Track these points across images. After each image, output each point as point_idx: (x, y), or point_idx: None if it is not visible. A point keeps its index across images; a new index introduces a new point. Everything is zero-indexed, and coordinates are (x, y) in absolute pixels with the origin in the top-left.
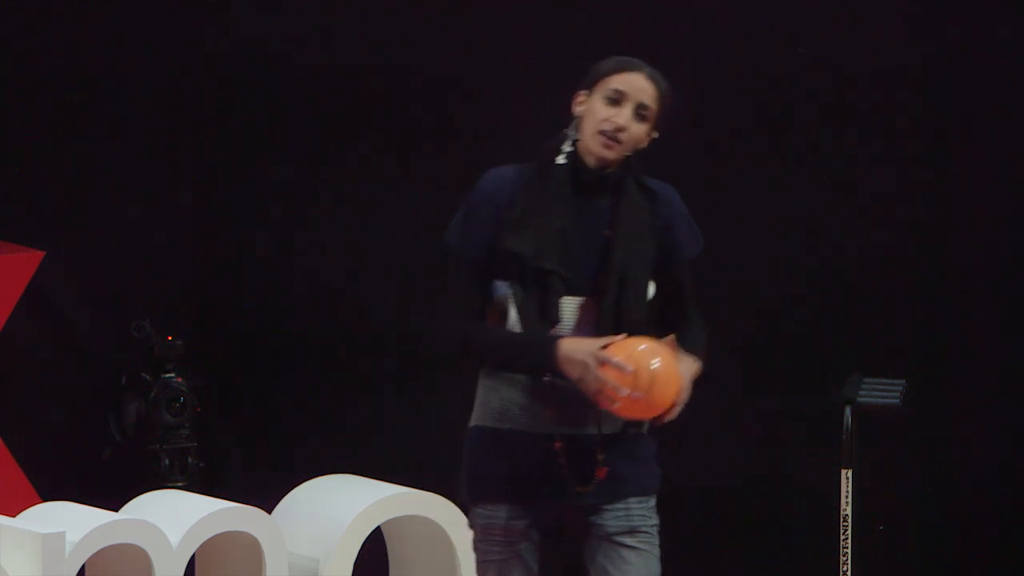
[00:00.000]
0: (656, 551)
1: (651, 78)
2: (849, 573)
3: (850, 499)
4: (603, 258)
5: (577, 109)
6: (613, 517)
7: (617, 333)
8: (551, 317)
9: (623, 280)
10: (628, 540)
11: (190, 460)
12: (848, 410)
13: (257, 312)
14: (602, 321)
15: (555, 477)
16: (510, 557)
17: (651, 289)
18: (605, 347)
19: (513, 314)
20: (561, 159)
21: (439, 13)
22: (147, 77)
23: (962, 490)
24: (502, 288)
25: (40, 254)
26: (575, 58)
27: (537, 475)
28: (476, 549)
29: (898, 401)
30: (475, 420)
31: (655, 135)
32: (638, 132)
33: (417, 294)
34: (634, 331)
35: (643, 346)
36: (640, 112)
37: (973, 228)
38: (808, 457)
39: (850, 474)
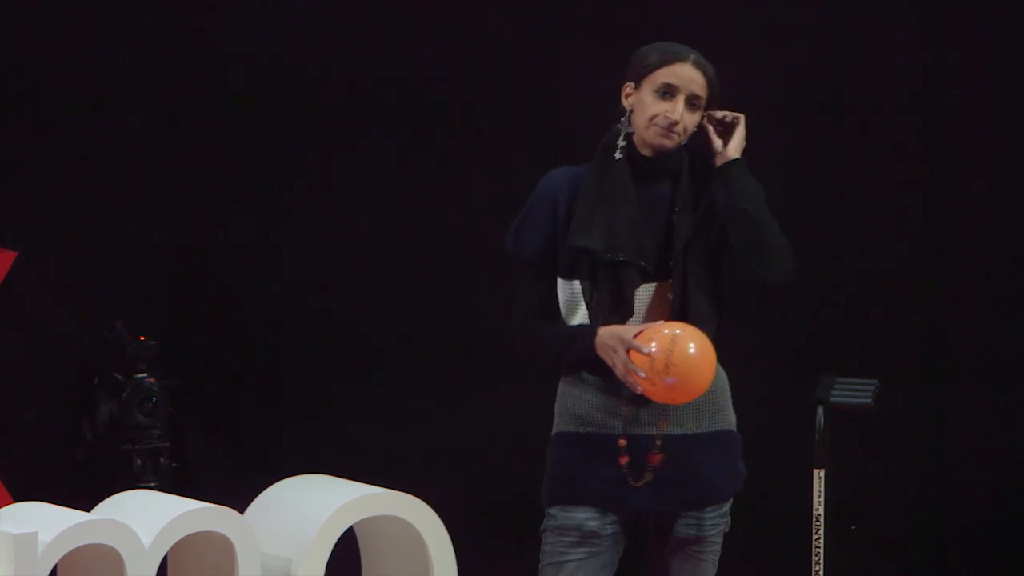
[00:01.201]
0: (715, 558)
1: (698, 66)
2: (822, 572)
3: (822, 499)
4: (668, 244)
5: (626, 102)
6: (684, 525)
7: (684, 317)
8: (625, 311)
9: (687, 264)
10: (692, 549)
11: (162, 460)
12: (820, 410)
13: (230, 312)
14: (670, 307)
15: (625, 477)
16: (578, 559)
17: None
18: (639, 333)
19: (582, 311)
20: (618, 154)
21: (422, 13)
22: (121, 77)
23: (934, 490)
24: (568, 287)
25: (12, 254)
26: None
27: (613, 476)
28: (545, 552)
29: (870, 401)
30: (557, 427)
31: (703, 118)
32: (691, 122)
33: (392, 294)
34: (701, 314)
35: (670, 330)
36: (692, 103)
37: (947, 230)
38: (781, 457)
39: (823, 474)
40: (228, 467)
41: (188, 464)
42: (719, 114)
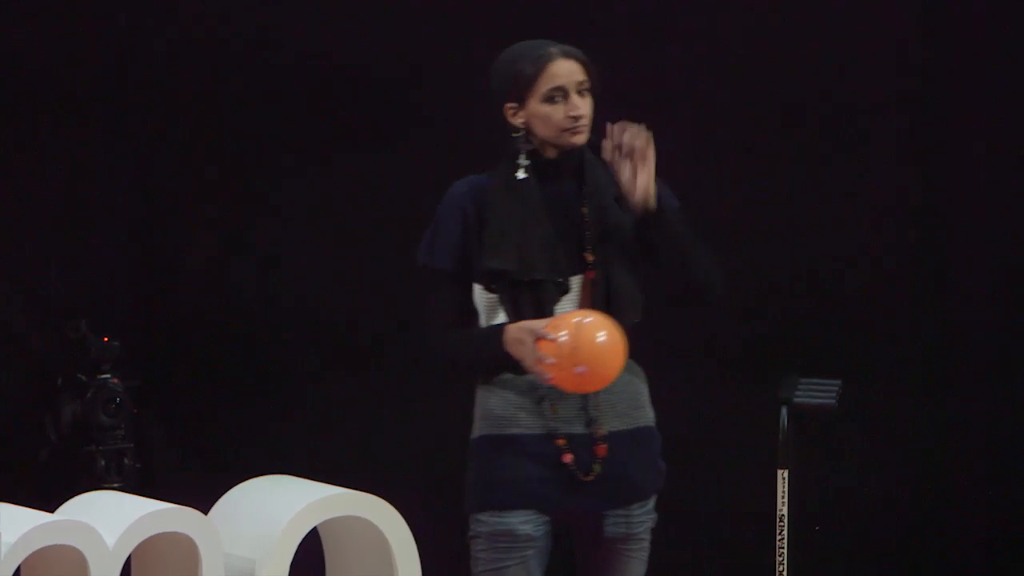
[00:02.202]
0: (645, 555)
1: (567, 56)
2: (785, 573)
3: (786, 499)
4: (584, 238)
5: (516, 120)
6: (613, 523)
7: (609, 307)
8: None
9: (606, 256)
10: (621, 547)
11: (126, 461)
12: (784, 410)
13: (193, 313)
14: (594, 298)
15: (563, 477)
16: (515, 564)
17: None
18: (547, 324)
19: (503, 315)
20: (521, 174)
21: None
22: (85, 76)
23: (898, 490)
24: (486, 295)
25: None
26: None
27: (547, 476)
28: (478, 560)
29: (834, 401)
30: (479, 431)
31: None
32: (589, 108)
33: (362, 295)
34: (627, 301)
35: (579, 318)
36: (581, 90)
37: (917, 229)
38: (744, 457)
39: (786, 474)
40: (192, 468)
41: (152, 465)
42: (616, 134)
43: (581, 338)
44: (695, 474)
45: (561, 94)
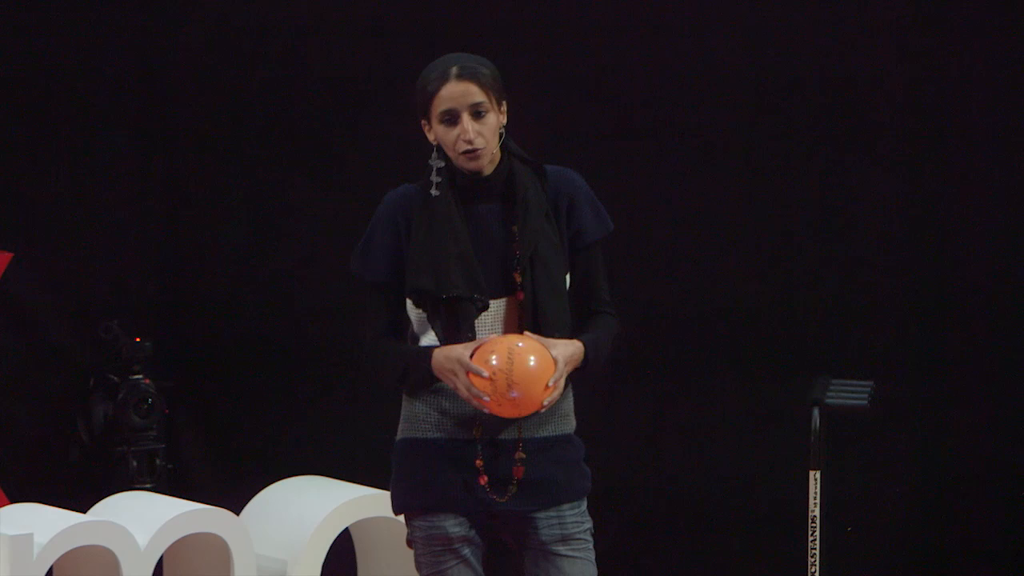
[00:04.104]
0: (591, 555)
1: (464, 76)
2: (817, 574)
3: (818, 500)
4: (512, 258)
5: (430, 136)
6: (547, 525)
7: (538, 328)
8: (468, 338)
9: (534, 275)
10: (562, 549)
11: (158, 462)
12: (816, 412)
13: (225, 314)
14: (522, 318)
15: (482, 485)
16: (457, 563)
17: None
18: (475, 351)
19: (432, 334)
20: (435, 191)
21: (410, 22)
22: (118, 80)
23: (930, 491)
24: (416, 310)
25: (8, 256)
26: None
27: (469, 481)
28: (420, 563)
29: (866, 403)
30: (403, 433)
31: (504, 110)
32: (489, 128)
33: None
34: (555, 322)
35: (507, 345)
36: (477, 112)
37: (943, 230)
38: (776, 459)
39: (818, 475)
40: (224, 468)
41: (184, 465)
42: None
43: (513, 369)
44: (728, 475)
45: (453, 117)
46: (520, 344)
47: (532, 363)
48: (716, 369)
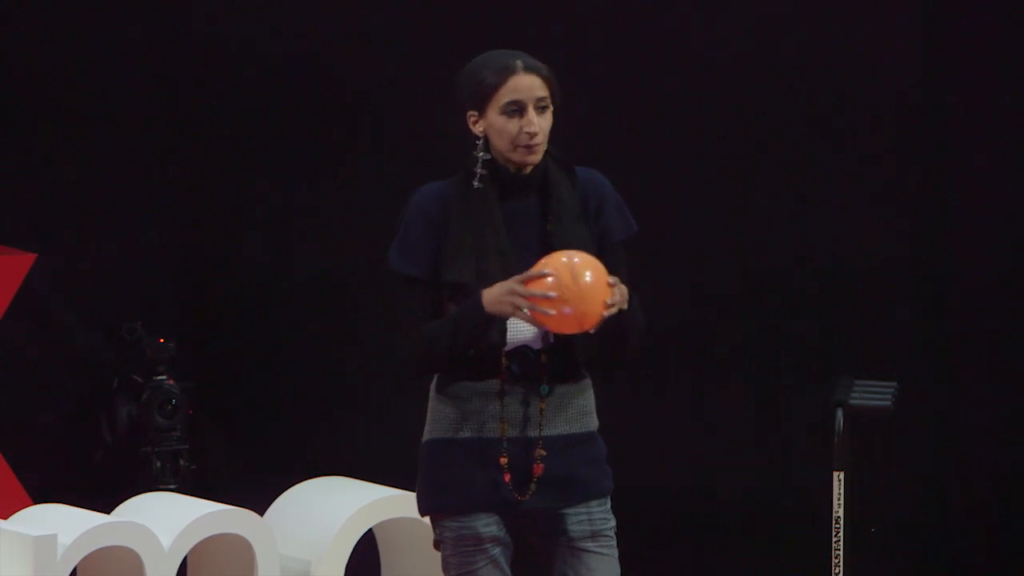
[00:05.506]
0: (616, 553)
1: (530, 71)
2: (841, 574)
3: (842, 501)
4: (546, 253)
5: (476, 129)
6: (576, 521)
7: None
8: (501, 336)
9: None
10: (591, 545)
11: (182, 462)
12: (839, 412)
13: (248, 315)
14: None
15: (507, 483)
16: (487, 564)
17: None
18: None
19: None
20: (477, 183)
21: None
22: (138, 82)
23: (954, 492)
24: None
25: (32, 256)
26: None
27: (497, 479)
28: (448, 564)
29: (889, 403)
30: (430, 434)
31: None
32: (548, 125)
33: None
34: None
35: (567, 258)
36: (540, 106)
37: (966, 230)
38: (800, 459)
39: (842, 476)
40: (247, 469)
41: (207, 466)
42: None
43: (575, 268)
44: (752, 475)
45: (518, 108)
46: (580, 255)
47: (595, 270)
48: (740, 370)
